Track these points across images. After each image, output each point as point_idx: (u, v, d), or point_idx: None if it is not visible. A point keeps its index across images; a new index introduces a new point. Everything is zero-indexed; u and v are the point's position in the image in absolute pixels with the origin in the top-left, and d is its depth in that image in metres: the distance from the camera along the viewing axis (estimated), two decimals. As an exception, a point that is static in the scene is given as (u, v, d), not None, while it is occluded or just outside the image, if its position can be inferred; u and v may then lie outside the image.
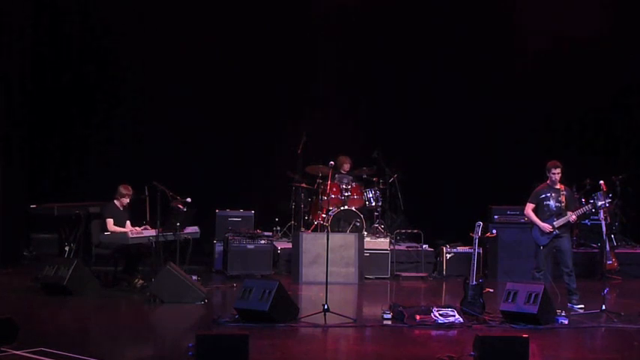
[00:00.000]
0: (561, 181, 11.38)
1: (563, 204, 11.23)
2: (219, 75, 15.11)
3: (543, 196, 11.33)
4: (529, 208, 11.39)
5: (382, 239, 14.13)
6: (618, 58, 15.41)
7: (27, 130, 14.77)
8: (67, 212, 13.29)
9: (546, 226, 11.16)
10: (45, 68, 14.98)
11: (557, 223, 11.13)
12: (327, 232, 12.01)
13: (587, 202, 12.72)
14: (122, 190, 12.56)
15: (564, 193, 11.28)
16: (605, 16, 15.14)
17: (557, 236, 11.18)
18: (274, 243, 14.22)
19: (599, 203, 11.20)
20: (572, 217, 11.17)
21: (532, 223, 11.33)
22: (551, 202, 11.26)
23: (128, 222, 12.57)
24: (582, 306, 11.09)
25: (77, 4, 15.17)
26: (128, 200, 12.59)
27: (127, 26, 15.04)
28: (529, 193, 11.53)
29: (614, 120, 16.07)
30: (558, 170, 11.28)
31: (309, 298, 11.79)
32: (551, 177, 11.31)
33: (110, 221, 12.37)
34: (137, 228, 12.38)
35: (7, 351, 8.21)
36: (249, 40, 15.23)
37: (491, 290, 11.26)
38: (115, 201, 12.56)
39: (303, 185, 14.71)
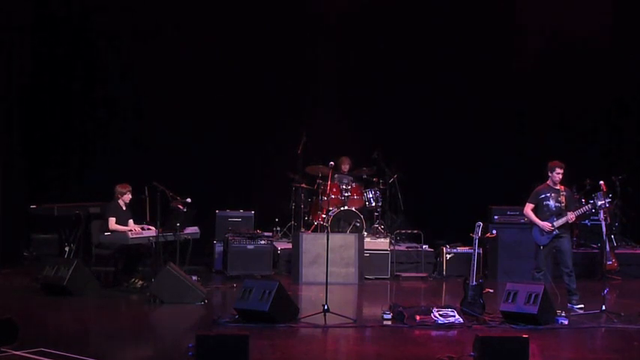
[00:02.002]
0: (561, 182, 11.38)
1: (563, 204, 11.22)
2: (219, 75, 15.10)
3: (543, 196, 11.32)
4: (528, 208, 11.39)
5: (382, 239, 14.13)
6: (618, 58, 15.41)
7: (27, 131, 14.77)
8: (67, 212, 13.30)
9: (546, 225, 11.15)
10: (45, 68, 14.98)
11: (557, 223, 11.13)
12: (327, 232, 12.00)
13: (587, 203, 12.70)
14: (119, 188, 12.54)
15: (564, 193, 11.28)
16: (605, 16, 15.15)
17: (557, 236, 11.18)
18: (274, 243, 14.21)
19: (599, 203, 11.19)
20: (570, 216, 11.15)
21: (532, 223, 11.33)
22: (551, 202, 11.25)
23: (131, 220, 12.55)
24: (582, 306, 11.08)
25: (78, 5, 15.16)
26: (130, 196, 12.57)
27: (127, 27, 15.03)
28: (529, 193, 11.53)
29: (614, 120, 16.07)
30: (561, 171, 11.26)
31: (309, 298, 11.79)
32: (553, 177, 11.28)
33: (112, 220, 12.36)
34: (137, 228, 12.38)
35: (7, 351, 8.21)
36: (249, 41, 15.22)
37: (491, 290, 11.27)
38: (118, 200, 12.56)
39: (303, 185, 14.71)
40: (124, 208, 12.55)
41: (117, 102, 15.25)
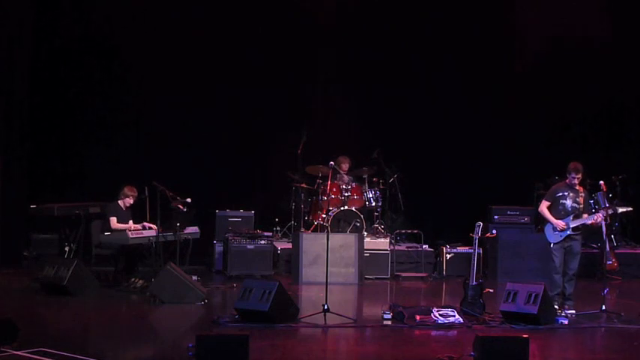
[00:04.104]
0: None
1: (581, 205, 10.94)
2: (220, 75, 15.10)
3: (560, 194, 11.03)
4: (544, 205, 11.12)
5: (382, 239, 14.12)
6: (618, 58, 15.41)
7: (27, 130, 14.76)
8: (67, 212, 13.31)
9: (560, 223, 10.87)
10: (45, 68, 14.97)
11: (572, 224, 10.87)
12: (327, 232, 12.00)
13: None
14: (127, 191, 12.57)
15: (582, 195, 10.99)
16: (605, 17, 15.15)
17: (569, 237, 10.91)
18: (274, 243, 14.20)
19: (620, 210, 11.18)
20: (597, 218, 10.88)
21: (546, 221, 11.08)
22: (568, 202, 10.96)
23: (130, 221, 12.55)
24: (573, 312, 10.76)
25: (77, 2, 15.16)
26: (132, 201, 12.60)
27: (127, 27, 15.02)
28: (529, 194, 11.48)
29: (614, 120, 16.07)
30: (579, 176, 10.92)
31: (309, 298, 11.79)
32: (570, 180, 10.99)
33: (114, 219, 12.39)
34: (138, 227, 12.38)
35: (7, 351, 8.20)
36: (249, 41, 15.22)
37: (491, 290, 11.24)
38: (119, 201, 12.57)
39: (303, 185, 14.70)
40: (124, 209, 12.57)
41: (117, 102, 15.25)
